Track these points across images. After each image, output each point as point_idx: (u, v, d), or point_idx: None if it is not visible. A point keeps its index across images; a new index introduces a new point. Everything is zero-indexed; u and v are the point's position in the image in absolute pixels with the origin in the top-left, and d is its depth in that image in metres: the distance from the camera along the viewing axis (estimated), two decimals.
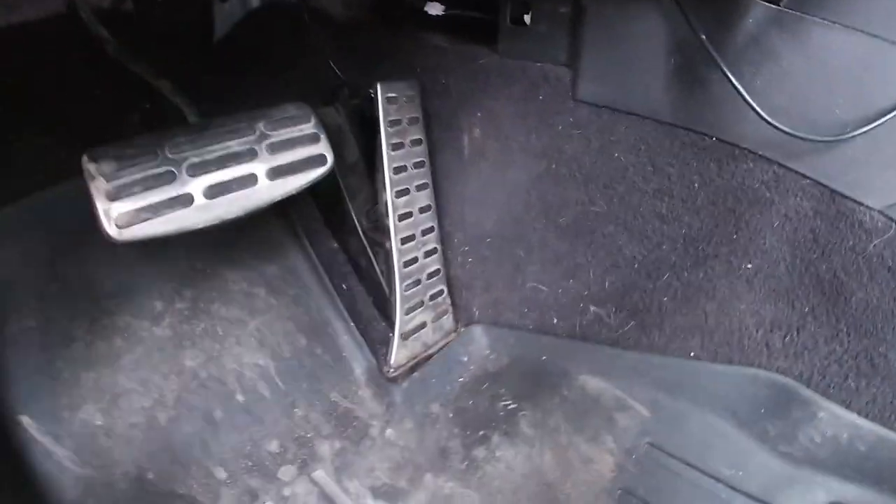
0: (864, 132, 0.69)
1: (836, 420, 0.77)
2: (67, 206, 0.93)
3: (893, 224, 0.71)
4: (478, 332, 1.07)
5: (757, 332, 0.83)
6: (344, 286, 1.09)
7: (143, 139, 0.79)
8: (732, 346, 0.85)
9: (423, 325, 1.05)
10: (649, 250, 0.91)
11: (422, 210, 1.04)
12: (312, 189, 1.09)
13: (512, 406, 0.97)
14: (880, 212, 0.73)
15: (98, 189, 0.73)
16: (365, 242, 1.06)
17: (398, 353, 1.02)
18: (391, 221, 1.00)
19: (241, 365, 0.96)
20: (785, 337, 0.81)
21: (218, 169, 0.81)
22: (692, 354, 0.88)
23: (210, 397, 0.93)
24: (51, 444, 0.82)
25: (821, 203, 0.77)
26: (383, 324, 1.08)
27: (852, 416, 0.76)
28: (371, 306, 1.09)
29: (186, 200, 0.78)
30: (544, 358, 1.01)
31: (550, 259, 1.01)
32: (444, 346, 1.07)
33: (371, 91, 1.00)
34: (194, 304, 0.97)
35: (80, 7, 0.91)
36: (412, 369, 1.03)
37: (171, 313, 0.95)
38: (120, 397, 0.88)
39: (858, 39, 0.69)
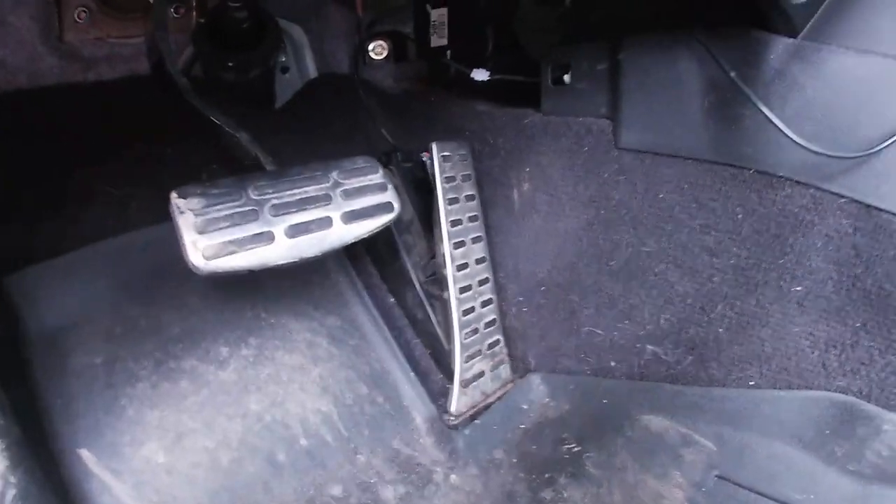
0: (889, 144, 0.83)
1: None
2: (139, 253, 1.11)
3: None
4: (536, 380, 1.17)
5: (813, 353, 0.93)
6: (402, 339, 1.22)
7: (228, 181, 0.96)
8: (790, 370, 0.95)
9: (481, 374, 1.16)
10: (701, 284, 1.03)
11: (477, 261, 1.19)
12: (370, 246, 1.27)
13: (576, 449, 1.05)
14: None
15: (186, 222, 0.88)
16: (422, 296, 1.20)
17: (459, 401, 1.13)
18: (449, 272, 1.15)
19: (305, 410, 1.07)
20: (840, 355, 0.91)
21: (298, 211, 0.97)
22: (752, 384, 0.98)
23: (274, 440, 1.03)
24: (109, 479, 0.92)
25: (858, 219, 0.89)
26: (440, 375, 1.20)
27: None
28: (428, 358, 1.21)
29: (269, 238, 0.94)
30: (605, 401, 1.10)
31: (605, 302, 1.13)
32: (502, 395, 1.17)
33: (422, 155, 1.20)
34: (259, 352, 1.10)
35: (167, 61, 1.12)
36: (472, 417, 1.13)
37: (236, 359, 1.08)
38: (183, 437, 0.98)
39: (872, 60, 0.85)
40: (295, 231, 0.95)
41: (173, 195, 0.90)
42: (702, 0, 0.99)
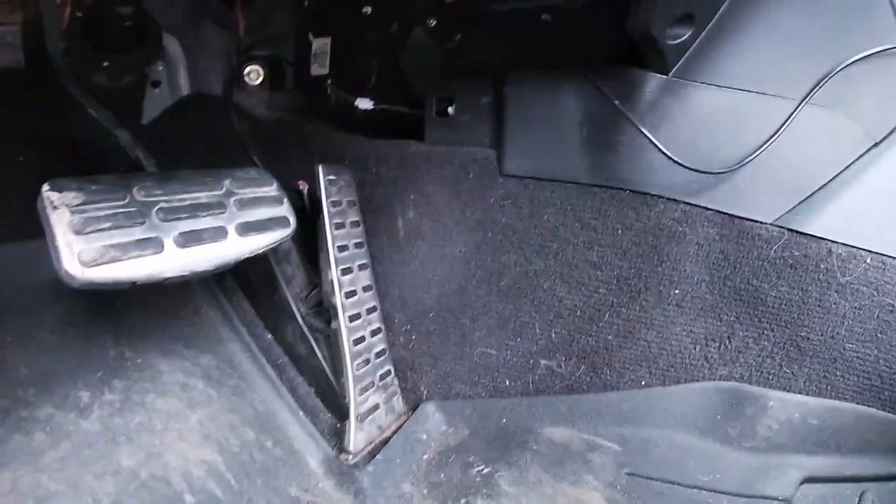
0: (746, 164, 0.98)
1: (785, 405, 0.96)
2: None
3: (785, 231, 0.97)
4: (431, 409, 1.11)
5: (695, 348, 1.02)
6: (284, 377, 1.08)
7: (109, 178, 0.80)
8: (677, 366, 1.02)
9: (376, 407, 1.07)
10: (588, 296, 1.08)
11: (365, 289, 1.13)
12: (243, 278, 1.14)
13: (486, 470, 1.00)
14: (773, 224, 0.98)
15: (61, 220, 0.72)
16: (304, 329, 1.09)
17: (356, 438, 1.03)
18: (338, 299, 1.07)
19: (187, 462, 0.88)
20: (720, 347, 1.01)
21: (189, 217, 0.84)
22: (644, 383, 1.03)
23: (154, 500, 0.83)
24: None
25: (724, 228, 1.01)
26: (330, 413, 1.08)
27: (797, 397, 0.95)
28: (315, 396, 1.09)
29: (157, 245, 0.79)
30: (505, 420, 1.08)
31: (496, 322, 1.13)
32: (399, 428, 1.08)
33: (298, 183, 1.13)
34: (126, 396, 0.90)
35: (50, 44, 0.93)
36: (372, 453, 1.03)
37: (100, 405, 0.88)
38: (45, 502, 0.76)
39: (729, 94, 1.00)
40: (187, 240, 0.82)
41: (45, 188, 0.73)
42: (586, 40, 1.10)
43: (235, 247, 0.87)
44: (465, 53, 1.22)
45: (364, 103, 1.31)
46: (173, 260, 0.80)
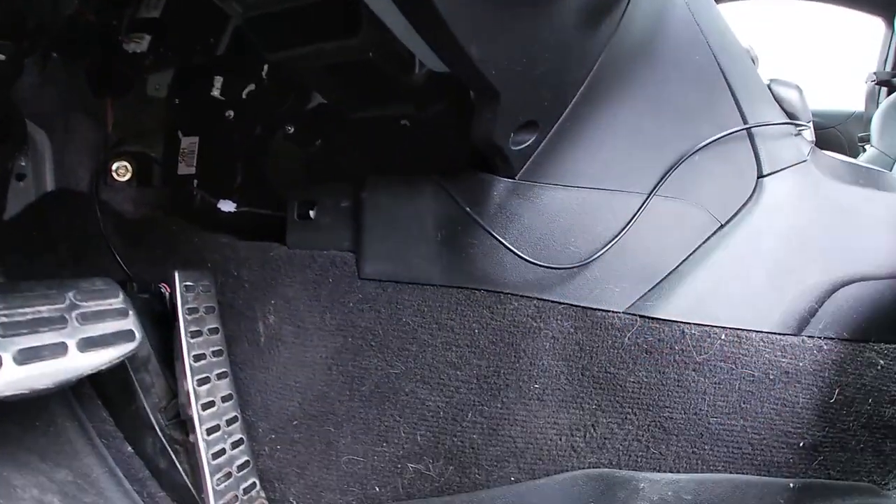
0: (596, 258, 1.10)
1: (656, 484, 1.05)
2: None
3: (637, 318, 1.09)
4: None
5: (561, 439, 1.10)
6: (145, 493, 1.09)
7: None
8: (544, 459, 1.10)
9: None
10: (449, 396, 1.16)
11: (224, 399, 1.17)
12: (100, 387, 1.16)
13: None
14: (625, 312, 1.10)
15: None
16: (164, 441, 1.12)
17: None
18: (195, 411, 1.10)
19: None
20: (585, 435, 1.09)
21: (29, 332, 0.88)
22: (513, 479, 1.11)
23: None
24: None
25: (577, 320, 1.12)
26: None
27: (668, 476, 1.05)
28: None
29: None
30: None
31: (361, 428, 1.18)
32: None
33: (160, 286, 1.19)
34: None
35: None
36: None
37: None
38: None
39: (574, 193, 1.13)
40: (25, 357, 0.86)
41: None
42: (443, 146, 1.22)
43: (76, 363, 0.91)
44: (326, 158, 1.34)
45: (226, 205, 1.39)
46: (12, 378, 0.83)
